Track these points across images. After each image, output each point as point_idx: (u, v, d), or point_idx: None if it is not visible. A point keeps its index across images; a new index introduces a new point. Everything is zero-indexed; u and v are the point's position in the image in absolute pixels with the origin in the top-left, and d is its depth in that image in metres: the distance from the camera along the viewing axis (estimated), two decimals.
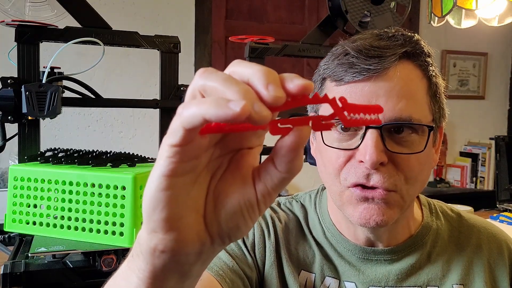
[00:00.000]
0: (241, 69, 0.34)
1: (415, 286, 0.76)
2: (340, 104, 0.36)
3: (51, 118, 1.09)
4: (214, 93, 0.33)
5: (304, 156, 0.36)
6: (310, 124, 0.36)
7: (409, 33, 0.72)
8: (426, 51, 0.72)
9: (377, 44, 0.68)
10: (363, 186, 0.68)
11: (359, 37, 0.71)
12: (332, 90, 0.71)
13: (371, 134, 0.65)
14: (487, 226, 0.85)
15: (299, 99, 0.34)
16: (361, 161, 0.66)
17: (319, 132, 0.72)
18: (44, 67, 1.13)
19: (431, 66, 0.72)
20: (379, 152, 0.65)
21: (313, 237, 0.80)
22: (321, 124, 0.36)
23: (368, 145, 0.65)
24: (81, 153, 1.12)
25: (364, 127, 0.66)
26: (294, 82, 0.33)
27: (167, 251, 0.36)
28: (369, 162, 0.65)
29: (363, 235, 0.76)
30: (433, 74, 0.72)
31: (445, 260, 0.78)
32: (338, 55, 0.70)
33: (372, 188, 0.67)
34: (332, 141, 0.69)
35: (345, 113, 0.36)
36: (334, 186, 0.71)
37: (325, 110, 0.71)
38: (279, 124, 0.35)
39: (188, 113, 0.32)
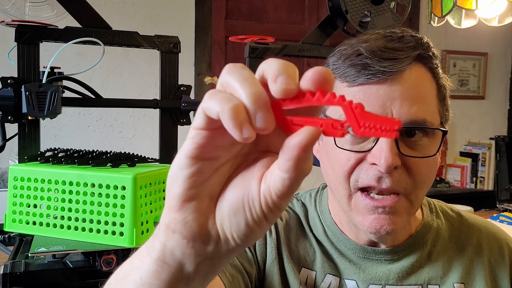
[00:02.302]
0: (266, 66, 0.35)
1: (416, 285, 0.76)
2: (354, 112, 0.33)
3: (51, 118, 1.09)
4: (231, 91, 0.34)
5: None
6: (321, 128, 0.34)
7: (417, 35, 0.71)
8: (436, 54, 0.71)
9: (390, 45, 0.67)
10: (372, 193, 0.67)
11: (368, 38, 0.70)
12: (344, 91, 0.69)
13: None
14: (488, 225, 0.85)
15: (314, 98, 0.33)
16: (373, 164, 0.66)
17: None
18: (44, 67, 1.13)
19: (439, 69, 0.71)
20: (394, 156, 0.64)
21: (314, 235, 0.80)
22: (333, 130, 0.34)
23: (383, 148, 0.64)
24: (81, 153, 1.12)
25: None
26: (314, 69, 0.34)
27: (177, 232, 0.37)
28: (384, 165, 0.64)
29: (365, 237, 0.76)
30: (441, 76, 0.72)
31: (445, 259, 0.78)
32: (349, 56, 0.69)
33: (382, 194, 0.67)
34: (344, 143, 0.68)
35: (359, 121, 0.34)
36: (342, 188, 0.70)
37: (333, 111, 0.70)
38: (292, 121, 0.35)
39: (207, 104, 0.34)
